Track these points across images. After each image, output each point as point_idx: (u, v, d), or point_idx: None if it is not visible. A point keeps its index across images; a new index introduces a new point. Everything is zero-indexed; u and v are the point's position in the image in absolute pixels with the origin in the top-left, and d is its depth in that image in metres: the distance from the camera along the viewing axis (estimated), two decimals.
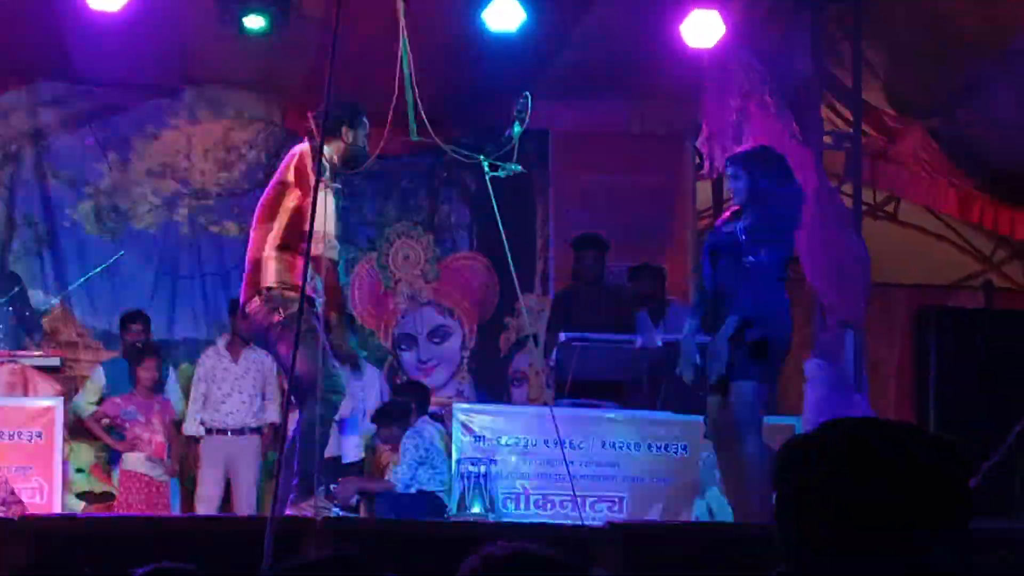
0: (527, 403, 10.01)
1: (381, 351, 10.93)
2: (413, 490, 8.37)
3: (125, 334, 9.55)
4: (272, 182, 6.58)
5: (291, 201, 6.40)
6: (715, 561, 5.52)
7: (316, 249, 6.09)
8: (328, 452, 8.67)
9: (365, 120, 6.62)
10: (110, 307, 10.30)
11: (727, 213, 6.83)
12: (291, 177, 6.43)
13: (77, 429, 9.12)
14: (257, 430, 9.19)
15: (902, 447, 1.86)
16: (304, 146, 6.52)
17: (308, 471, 6.26)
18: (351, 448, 9.56)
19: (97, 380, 9.42)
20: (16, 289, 9.72)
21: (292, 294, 6.20)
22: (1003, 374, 9.87)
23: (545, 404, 8.06)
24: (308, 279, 6.02)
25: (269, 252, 6.38)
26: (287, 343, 6.19)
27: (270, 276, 6.36)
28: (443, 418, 8.97)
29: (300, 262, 6.09)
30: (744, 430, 6.33)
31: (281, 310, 6.26)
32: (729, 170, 6.64)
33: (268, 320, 6.34)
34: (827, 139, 9.49)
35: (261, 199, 6.57)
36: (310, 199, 6.24)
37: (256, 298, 6.38)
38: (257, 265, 6.41)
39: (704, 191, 11.09)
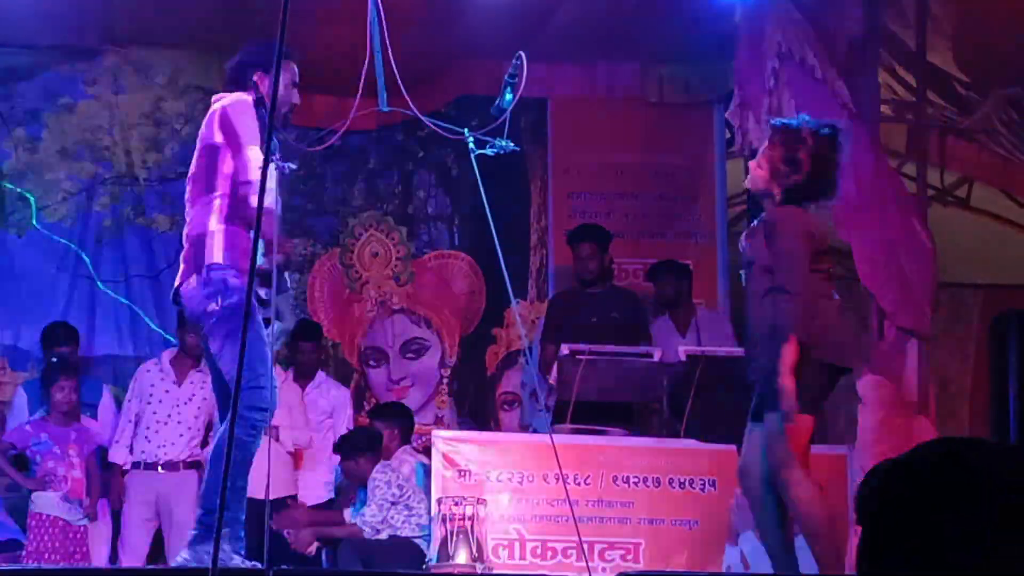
0: (520, 430, 9.99)
1: (346, 367, 10.92)
2: (384, 535, 8.36)
3: (50, 352, 9.52)
4: (198, 149, 6.55)
5: (227, 167, 6.39)
6: None
7: (269, 230, 6.11)
8: (278, 491, 8.66)
9: (293, 66, 6.53)
10: (16, 318, 10.27)
11: None
12: (219, 139, 6.42)
13: None
14: (195, 465, 9.18)
15: (1012, 468, 1.85)
16: (227, 100, 6.50)
17: (210, 507, 6.24)
18: (315, 486, 9.55)
19: (18, 407, 9.42)
20: None
21: (236, 281, 6.20)
22: None
23: (537, 431, 8.07)
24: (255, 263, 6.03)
25: (215, 226, 6.36)
26: (219, 339, 6.21)
27: (214, 253, 6.33)
28: (426, 448, 8.97)
29: (249, 241, 6.09)
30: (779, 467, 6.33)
31: (220, 298, 6.23)
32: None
33: (203, 306, 6.32)
34: (885, 109, 9.50)
35: (191, 171, 6.55)
36: (247, 164, 6.26)
37: (193, 277, 6.36)
38: (199, 241, 6.39)
39: (736, 171, 11.09)
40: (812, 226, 6.37)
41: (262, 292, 6.30)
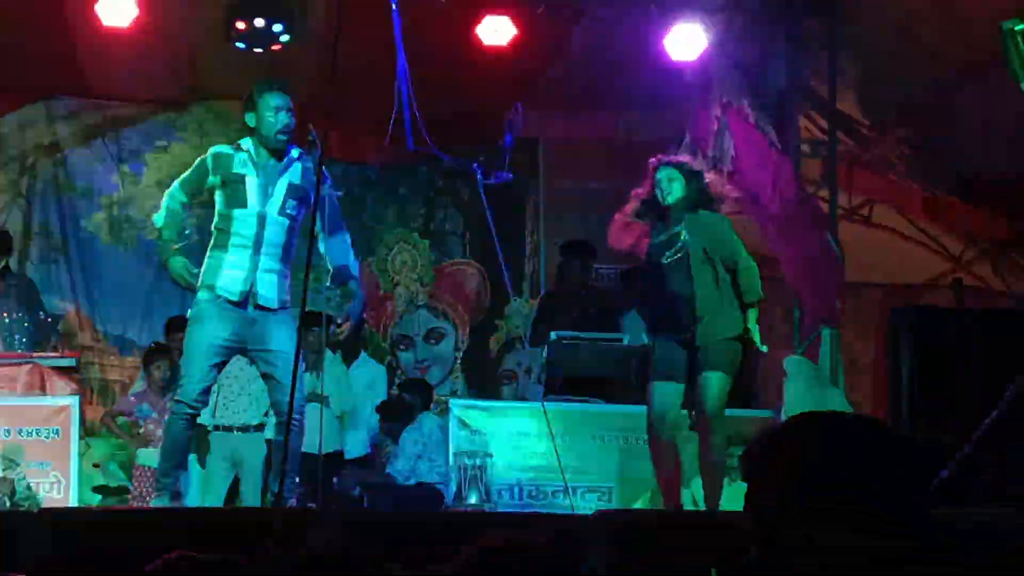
0: (516, 400, 10.01)
1: (382, 350, 10.95)
2: (412, 482, 8.38)
3: (171, 339, 9.51)
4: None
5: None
6: (698, 546, 5.54)
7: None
8: (330, 447, 8.69)
9: (269, 98, 6.30)
10: (124, 314, 10.30)
11: None
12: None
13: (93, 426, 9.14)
14: (261, 427, 9.17)
15: (867, 440, 1.88)
16: None
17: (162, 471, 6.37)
18: (356, 443, 9.56)
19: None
20: (33, 295, 9.72)
21: None
22: (973, 369, 9.88)
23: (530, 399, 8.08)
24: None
25: None
26: None
27: None
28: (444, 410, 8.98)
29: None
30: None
31: None
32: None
33: None
34: (804, 147, 9.51)
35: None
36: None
37: None
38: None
39: None
40: None
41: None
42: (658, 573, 4.72)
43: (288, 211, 6.25)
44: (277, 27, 8.94)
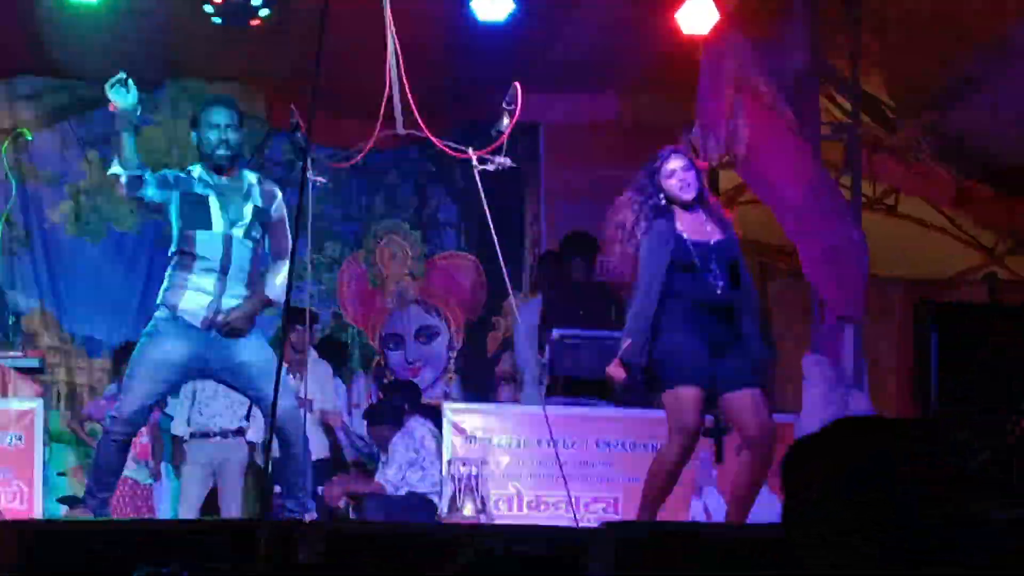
0: (515, 403, 10.00)
1: (368, 350, 10.94)
2: (403, 492, 8.38)
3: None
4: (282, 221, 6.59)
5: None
6: (712, 562, 5.53)
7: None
8: (316, 454, 8.68)
9: (211, 114, 6.44)
10: (93, 313, 10.27)
11: None
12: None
13: (58, 432, 9.12)
14: (241, 432, 9.17)
15: (910, 445, 1.86)
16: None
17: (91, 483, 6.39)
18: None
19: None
20: None
21: None
22: (1006, 369, 9.87)
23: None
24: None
25: None
26: None
27: None
28: (436, 414, 8.96)
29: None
30: None
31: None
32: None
33: None
34: (825, 130, 9.50)
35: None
36: None
37: None
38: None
39: None
40: None
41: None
42: None
43: (254, 235, 6.35)
44: (256, 0, 8.92)
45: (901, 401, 10.47)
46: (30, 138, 8.05)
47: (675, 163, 6.34)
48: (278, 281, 6.37)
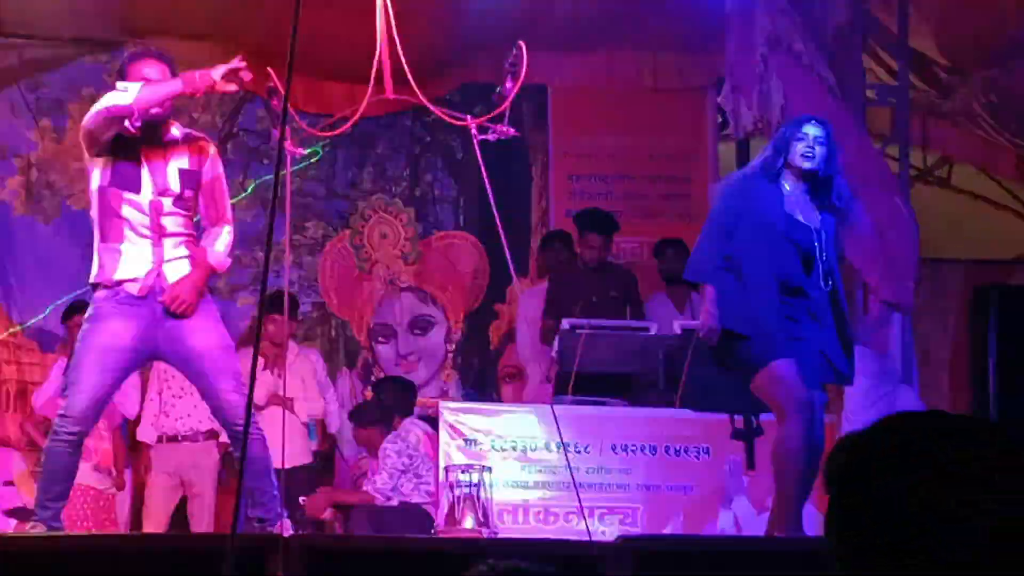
0: (522, 402, 10.01)
1: (354, 344, 10.95)
2: (395, 502, 8.39)
3: (70, 328, 9.52)
4: (214, 182, 6.55)
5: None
6: None
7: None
8: (293, 461, 8.69)
9: (141, 67, 6.34)
10: (47, 301, 10.26)
11: None
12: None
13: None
14: (214, 435, 9.18)
15: (974, 444, 1.86)
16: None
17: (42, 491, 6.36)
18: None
19: (52, 384, 9.43)
20: None
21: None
22: None
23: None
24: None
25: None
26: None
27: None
28: (432, 419, 8.98)
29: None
30: None
31: None
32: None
33: None
34: (869, 93, 9.50)
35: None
36: None
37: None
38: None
39: (728, 154, 11.10)
40: None
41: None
42: None
43: (186, 198, 6.33)
44: None
45: (955, 399, 10.48)
46: None
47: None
48: (219, 246, 6.38)
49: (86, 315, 6.33)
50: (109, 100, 6.20)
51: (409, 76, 6.32)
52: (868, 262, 8.81)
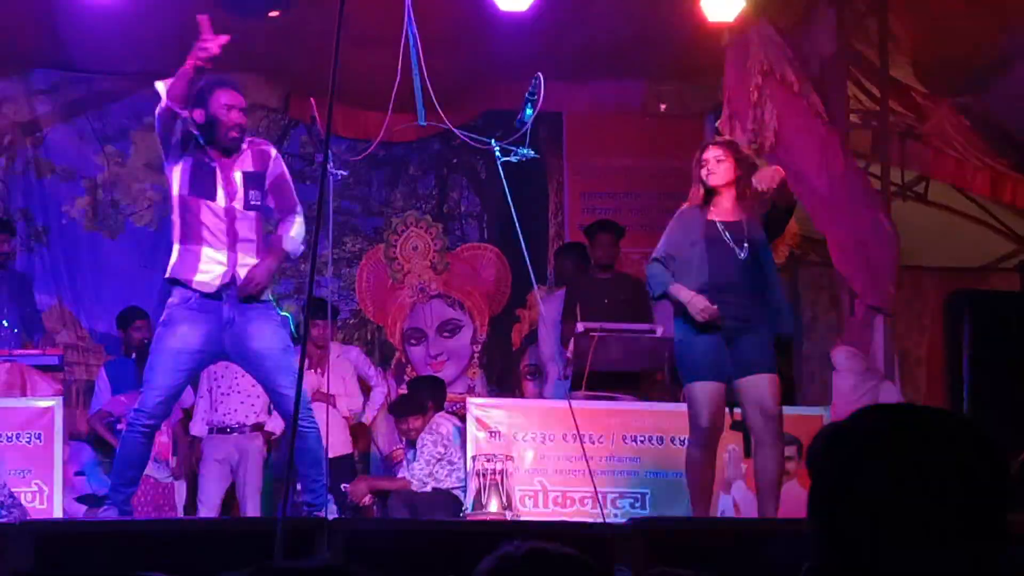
0: (541, 397, 9.99)
1: (388, 347, 10.94)
2: (429, 488, 8.38)
3: (127, 332, 9.54)
4: (279, 179, 6.55)
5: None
6: (741, 558, 5.53)
7: None
8: (336, 451, 8.70)
9: (221, 95, 6.44)
10: (112, 309, 10.25)
11: None
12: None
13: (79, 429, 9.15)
14: (259, 427, 9.18)
15: (943, 435, 1.85)
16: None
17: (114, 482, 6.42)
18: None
19: (102, 384, 9.44)
20: (25, 288, 9.72)
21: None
22: None
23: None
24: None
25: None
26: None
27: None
28: (461, 413, 8.97)
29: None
30: None
31: None
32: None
33: None
34: (853, 118, 9.48)
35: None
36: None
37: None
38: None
39: None
40: None
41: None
42: None
43: (252, 203, 6.33)
44: None
45: (932, 393, 10.44)
46: None
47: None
48: (293, 233, 6.40)
49: (161, 318, 6.35)
50: (157, 110, 6.28)
51: (435, 104, 6.34)
52: (853, 270, 8.79)
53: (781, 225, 6.78)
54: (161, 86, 6.23)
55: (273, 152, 6.55)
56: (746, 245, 6.48)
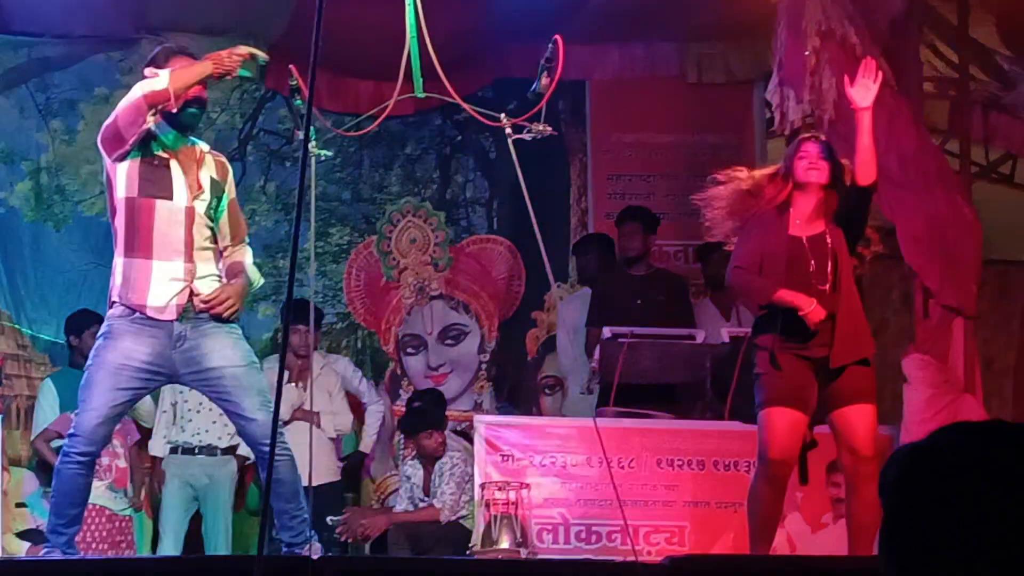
0: (561, 415, 10.02)
1: (381, 356, 10.96)
2: (456, 516, 8.45)
3: (80, 339, 9.55)
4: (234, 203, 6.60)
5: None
6: None
7: None
8: (321, 478, 8.72)
9: (178, 63, 6.39)
10: (59, 313, 10.27)
11: None
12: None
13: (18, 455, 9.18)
14: (231, 450, 9.21)
15: None
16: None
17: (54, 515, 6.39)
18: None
19: (47, 398, 9.47)
20: None
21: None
22: None
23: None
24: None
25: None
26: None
27: None
28: (466, 434, 9.01)
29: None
30: None
31: None
32: None
33: None
34: (928, 86, 9.49)
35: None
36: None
37: None
38: None
39: (776, 150, 11.09)
40: None
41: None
42: None
43: (210, 212, 6.36)
44: None
45: (1018, 407, 10.46)
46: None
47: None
48: (250, 261, 6.44)
49: (100, 331, 6.35)
50: (144, 87, 6.22)
51: (440, 72, 6.35)
52: (927, 265, 8.80)
53: (862, 213, 6.83)
54: (163, 76, 6.20)
55: (231, 169, 6.59)
56: (828, 272, 6.59)
